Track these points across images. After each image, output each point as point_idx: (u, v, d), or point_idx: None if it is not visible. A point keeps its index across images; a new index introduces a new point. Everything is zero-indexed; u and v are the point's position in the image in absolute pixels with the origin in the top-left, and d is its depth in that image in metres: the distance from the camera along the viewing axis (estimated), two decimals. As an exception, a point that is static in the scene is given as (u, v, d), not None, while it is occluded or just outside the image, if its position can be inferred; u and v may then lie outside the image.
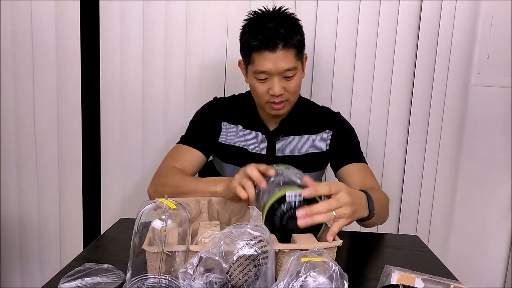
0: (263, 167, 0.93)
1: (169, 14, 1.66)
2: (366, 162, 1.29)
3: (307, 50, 1.26)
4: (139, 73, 1.70)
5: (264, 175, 0.93)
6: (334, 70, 1.67)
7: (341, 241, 0.84)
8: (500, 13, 1.63)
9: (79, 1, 1.66)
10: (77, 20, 1.68)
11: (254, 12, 1.22)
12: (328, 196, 0.87)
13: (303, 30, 1.22)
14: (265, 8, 1.22)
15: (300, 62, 1.21)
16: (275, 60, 1.15)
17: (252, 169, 0.93)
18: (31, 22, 1.68)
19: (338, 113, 1.38)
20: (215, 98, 1.42)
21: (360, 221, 1.03)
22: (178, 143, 1.32)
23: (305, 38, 1.23)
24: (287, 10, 1.22)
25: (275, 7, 1.22)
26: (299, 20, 1.22)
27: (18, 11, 1.68)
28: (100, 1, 1.66)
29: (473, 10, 1.64)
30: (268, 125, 1.31)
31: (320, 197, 0.88)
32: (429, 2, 1.63)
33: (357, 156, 1.29)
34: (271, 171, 0.92)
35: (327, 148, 1.31)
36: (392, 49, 1.66)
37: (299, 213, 0.82)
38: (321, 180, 1.46)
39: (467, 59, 1.67)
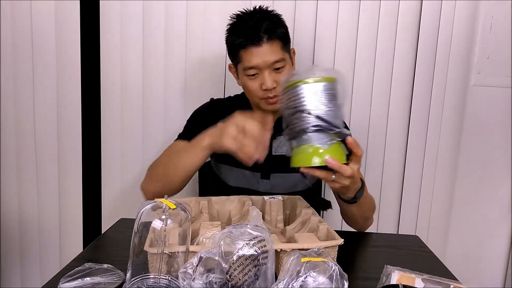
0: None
1: (169, 14, 1.66)
2: None
3: (307, 50, 1.26)
4: (139, 73, 1.70)
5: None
6: (334, 70, 1.67)
7: (342, 240, 0.84)
8: (500, 13, 1.63)
9: (79, 1, 1.66)
10: (77, 20, 1.67)
11: (235, 14, 1.23)
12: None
13: (286, 23, 1.23)
14: (245, 10, 1.23)
15: (287, 54, 1.22)
16: (262, 53, 1.16)
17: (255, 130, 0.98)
18: (31, 22, 1.68)
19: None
20: (212, 99, 1.42)
21: (343, 200, 1.09)
22: (176, 140, 1.33)
23: (305, 38, 1.23)
24: (267, 8, 1.23)
25: (255, 6, 1.23)
26: (281, 15, 1.23)
27: (18, 11, 1.68)
28: (100, 1, 1.66)
29: (473, 10, 1.64)
30: None
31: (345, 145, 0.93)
32: (429, 2, 1.62)
33: None
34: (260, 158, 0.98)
35: None
36: (392, 49, 1.66)
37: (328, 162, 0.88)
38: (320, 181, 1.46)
39: (467, 59, 1.67)
